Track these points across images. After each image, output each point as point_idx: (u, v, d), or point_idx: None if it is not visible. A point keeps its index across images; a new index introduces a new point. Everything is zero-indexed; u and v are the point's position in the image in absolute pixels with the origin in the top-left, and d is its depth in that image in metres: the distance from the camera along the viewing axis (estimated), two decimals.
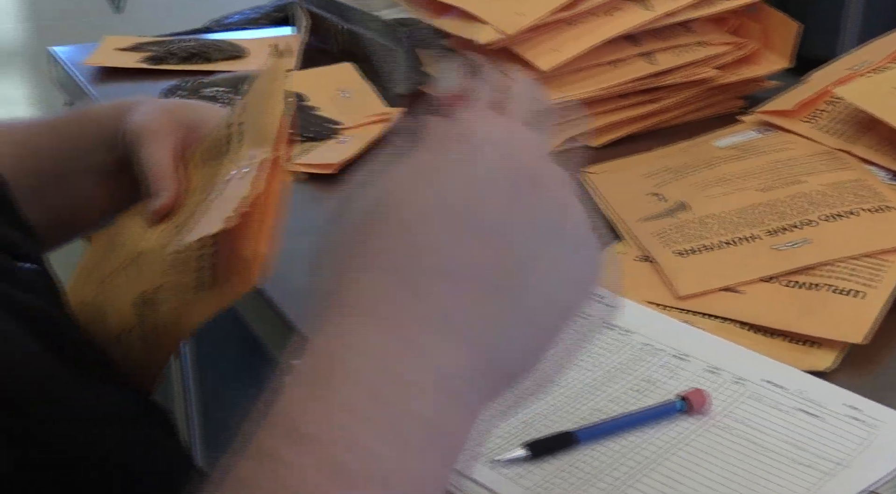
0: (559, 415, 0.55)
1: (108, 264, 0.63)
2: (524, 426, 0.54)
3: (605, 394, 0.57)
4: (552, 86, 0.91)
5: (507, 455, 0.51)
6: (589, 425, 0.53)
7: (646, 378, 0.58)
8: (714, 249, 0.69)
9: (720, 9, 0.97)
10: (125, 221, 0.64)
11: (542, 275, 0.36)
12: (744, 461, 0.51)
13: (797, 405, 0.55)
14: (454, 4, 0.96)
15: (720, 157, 0.80)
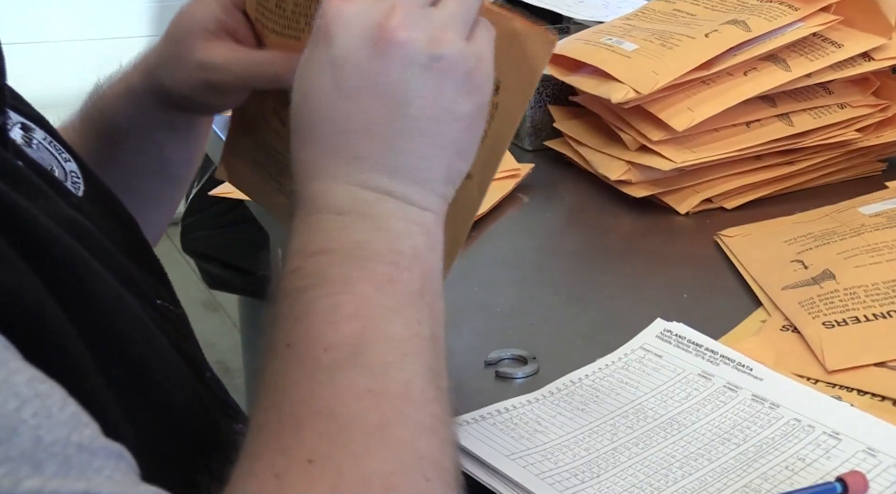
0: (710, 493, 0.53)
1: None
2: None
3: (756, 471, 0.55)
4: (687, 146, 0.90)
5: None
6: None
7: (798, 455, 0.56)
8: (864, 322, 0.66)
9: (861, 70, 0.94)
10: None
11: (422, 100, 0.47)
12: None
13: None
14: (588, 62, 0.95)
15: (867, 225, 0.78)
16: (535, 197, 0.95)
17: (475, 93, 0.49)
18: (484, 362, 0.65)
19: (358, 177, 0.47)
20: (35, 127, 0.57)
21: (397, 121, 0.47)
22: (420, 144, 0.48)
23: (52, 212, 0.46)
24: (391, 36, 0.47)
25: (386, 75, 0.47)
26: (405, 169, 0.48)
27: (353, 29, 0.47)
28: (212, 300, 2.53)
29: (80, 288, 0.43)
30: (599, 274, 0.82)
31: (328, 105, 0.48)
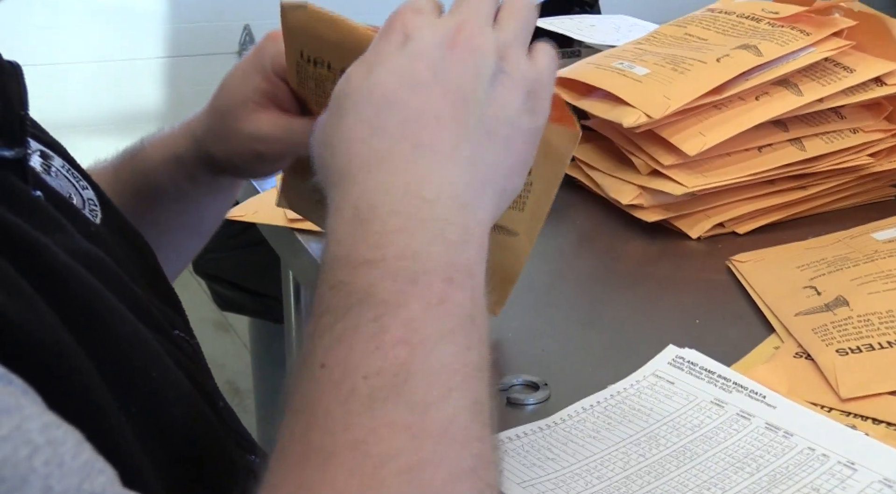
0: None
1: None
2: None
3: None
4: (698, 171, 0.90)
5: None
6: None
7: (812, 486, 0.55)
8: (879, 349, 0.66)
9: (873, 95, 0.94)
10: None
11: (492, 104, 0.47)
12: None
13: None
14: (599, 86, 0.96)
15: (880, 251, 0.77)
16: (546, 220, 0.95)
17: (535, 114, 0.49)
18: (495, 388, 0.65)
19: (419, 169, 0.44)
20: (53, 154, 0.57)
21: (466, 116, 0.46)
22: (486, 143, 0.46)
23: (68, 245, 0.46)
24: (465, 41, 0.47)
25: (461, 70, 0.46)
26: (472, 162, 0.45)
27: (428, 30, 0.47)
28: (223, 320, 2.54)
29: (98, 325, 0.43)
30: (611, 299, 0.81)
31: (395, 95, 0.45)
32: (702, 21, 1.02)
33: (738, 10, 1.01)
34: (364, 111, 0.46)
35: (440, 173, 0.44)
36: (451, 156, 0.45)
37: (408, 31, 0.47)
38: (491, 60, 0.47)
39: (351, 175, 0.44)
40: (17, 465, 0.32)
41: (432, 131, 0.45)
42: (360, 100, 0.46)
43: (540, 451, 0.59)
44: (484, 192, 0.46)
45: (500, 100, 0.47)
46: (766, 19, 0.97)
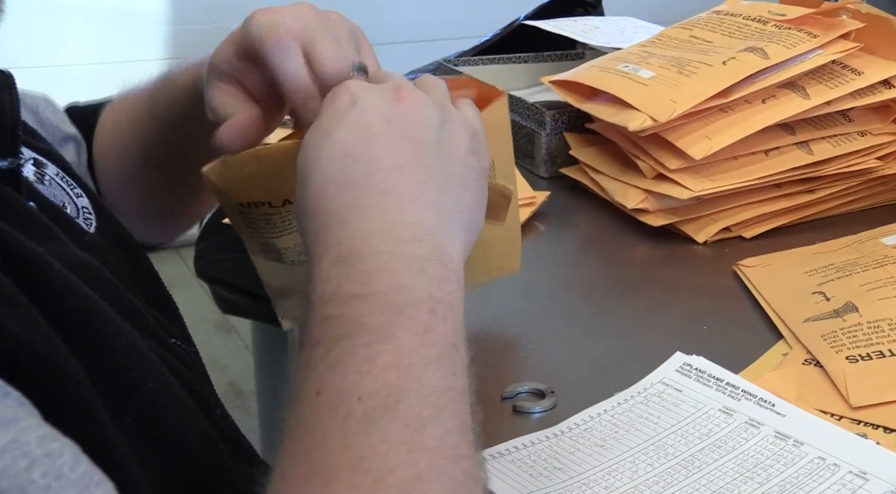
0: None
1: None
2: None
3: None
4: (705, 175, 0.89)
5: None
6: None
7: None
8: (889, 356, 0.65)
9: (881, 97, 0.93)
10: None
11: (443, 147, 0.50)
12: None
13: None
14: (604, 89, 0.95)
15: (889, 256, 0.77)
16: (550, 225, 0.94)
17: (481, 155, 0.52)
18: (501, 396, 0.64)
19: (392, 214, 0.46)
20: (47, 162, 0.57)
21: (425, 162, 0.48)
22: (445, 184, 0.49)
23: (63, 255, 0.45)
24: (408, 95, 0.50)
25: (410, 123, 0.49)
26: (437, 203, 0.48)
27: (372, 91, 0.50)
28: (225, 322, 2.53)
29: (94, 337, 0.42)
30: (617, 305, 0.80)
31: (355, 150, 0.48)
32: (707, 23, 1.02)
33: (745, 12, 1.00)
34: (329, 169, 0.48)
35: (412, 216, 0.47)
36: (418, 200, 0.47)
37: (354, 94, 0.50)
38: (434, 110, 0.51)
39: (328, 227, 0.47)
40: (16, 477, 0.32)
41: (396, 178, 0.47)
42: (323, 160, 0.48)
43: (546, 460, 0.58)
44: (453, 229, 0.48)
45: (450, 144, 0.50)
46: (772, 21, 0.97)
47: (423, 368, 0.42)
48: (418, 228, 0.46)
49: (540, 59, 1.28)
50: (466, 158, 0.50)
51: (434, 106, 0.51)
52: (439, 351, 0.43)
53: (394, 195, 0.47)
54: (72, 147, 0.75)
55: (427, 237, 0.46)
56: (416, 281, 0.44)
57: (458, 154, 0.50)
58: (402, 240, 0.46)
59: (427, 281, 0.44)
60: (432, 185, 0.48)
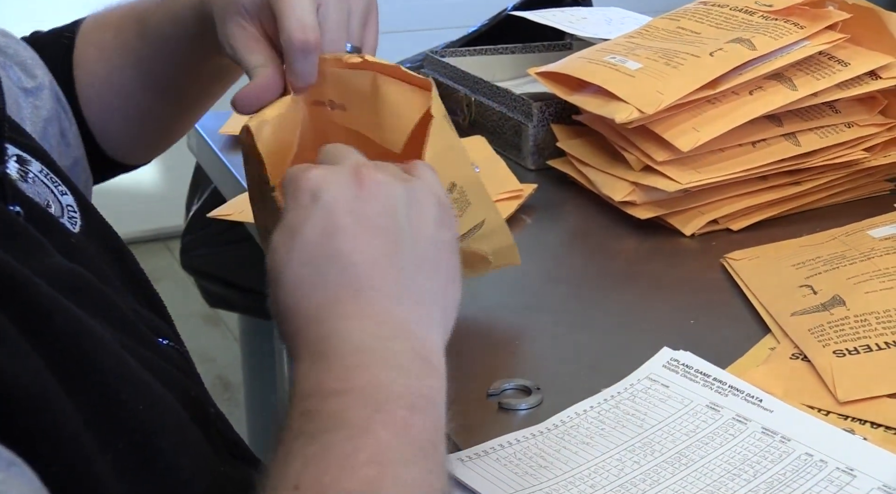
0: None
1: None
2: None
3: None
4: (692, 167, 0.89)
5: None
6: None
7: (810, 492, 0.54)
8: (876, 350, 0.65)
9: (868, 89, 0.93)
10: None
11: (413, 229, 0.49)
12: None
13: None
14: (591, 81, 0.94)
15: (877, 249, 0.76)
16: (537, 218, 0.94)
17: (449, 224, 0.51)
18: (486, 393, 0.64)
19: (369, 310, 0.46)
20: (32, 159, 0.56)
21: (397, 251, 0.48)
22: (419, 270, 0.48)
23: (49, 267, 0.45)
24: (370, 179, 0.49)
25: (377, 208, 0.48)
26: (412, 295, 0.47)
27: (332, 181, 0.49)
28: (213, 314, 2.52)
29: (83, 362, 0.42)
30: (604, 299, 0.80)
31: (326, 247, 0.47)
32: (695, 14, 1.01)
33: (732, 3, 1.00)
34: (299, 271, 0.47)
35: (388, 312, 0.46)
36: (394, 295, 0.47)
37: (312, 188, 0.49)
38: (398, 187, 0.50)
39: (305, 327, 0.46)
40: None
41: (369, 274, 0.47)
42: (293, 263, 0.47)
43: (532, 459, 0.57)
44: (431, 318, 0.48)
45: (419, 222, 0.49)
46: (759, 12, 0.96)
47: (401, 465, 0.42)
48: (395, 325, 0.46)
49: (527, 49, 1.27)
50: (436, 233, 0.50)
51: (396, 182, 0.50)
52: (417, 449, 0.43)
53: (368, 291, 0.46)
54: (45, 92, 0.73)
55: (404, 332, 0.46)
56: (395, 376, 0.44)
57: (428, 232, 0.49)
58: (380, 337, 0.45)
59: (406, 376, 0.44)
60: (406, 276, 0.48)
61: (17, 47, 0.75)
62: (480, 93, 1.12)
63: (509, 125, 1.06)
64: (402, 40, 2.04)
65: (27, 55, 0.75)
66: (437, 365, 0.46)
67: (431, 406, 0.45)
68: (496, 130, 1.08)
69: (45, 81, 0.73)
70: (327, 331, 0.45)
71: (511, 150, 1.06)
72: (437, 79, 1.20)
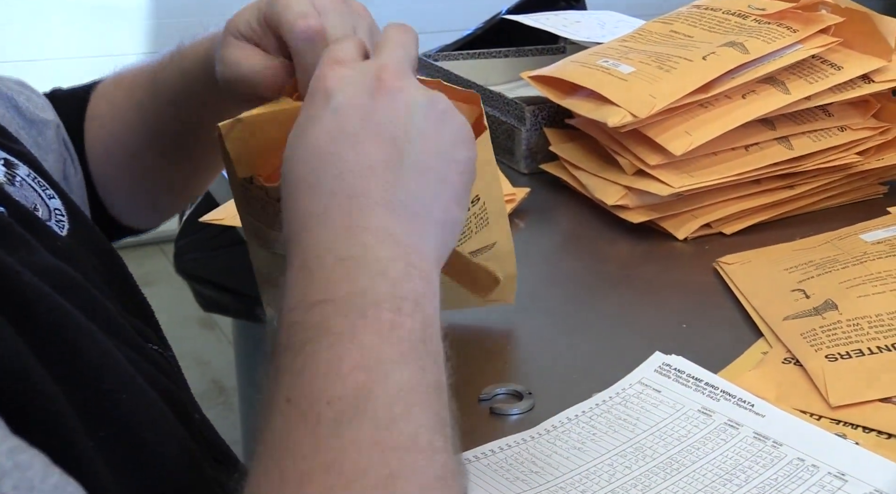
0: None
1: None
2: None
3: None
4: (685, 171, 0.89)
5: None
6: None
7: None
8: (868, 355, 0.65)
9: (861, 92, 0.93)
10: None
11: (424, 140, 0.48)
12: None
13: None
14: (584, 85, 0.94)
15: (869, 253, 0.76)
16: (530, 222, 0.94)
17: (469, 143, 0.49)
18: (478, 398, 0.64)
19: (356, 218, 0.45)
20: (19, 163, 0.55)
21: (398, 159, 0.47)
22: (420, 181, 0.47)
23: (34, 263, 0.44)
24: (390, 83, 0.48)
25: (389, 114, 0.47)
26: (406, 205, 0.46)
27: (350, 82, 0.48)
28: (207, 318, 2.52)
29: (66, 349, 0.42)
30: (596, 303, 0.80)
31: (326, 151, 0.46)
32: (688, 18, 1.01)
33: (725, 7, 1.00)
34: (300, 171, 0.47)
35: (377, 220, 0.46)
36: (385, 202, 0.46)
37: (329, 88, 0.48)
38: (419, 95, 0.48)
39: (296, 235, 0.46)
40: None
41: (366, 181, 0.46)
42: (296, 161, 0.47)
43: (523, 464, 0.57)
44: (423, 229, 0.47)
45: (433, 134, 0.48)
46: (752, 16, 0.96)
47: (390, 366, 0.41)
48: (383, 232, 0.45)
49: (521, 53, 1.27)
50: (450, 150, 0.48)
51: (419, 90, 0.49)
52: (406, 348, 0.42)
53: (360, 198, 0.46)
54: (51, 132, 0.74)
55: (391, 239, 0.45)
56: (377, 283, 0.43)
57: (441, 144, 0.48)
58: (366, 246, 0.44)
59: (389, 282, 0.44)
60: (403, 186, 0.47)
61: (31, 94, 0.75)
62: None
63: (502, 129, 1.06)
64: None
65: (40, 101, 0.75)
66: (425, 270, 0.45)
67: (416, 307, 0.44)
68: (489, 134, 1.08)
69: (51, 121, 0.74)
70: (314, 240, 0.45)
71: (504, 154, 1.06)
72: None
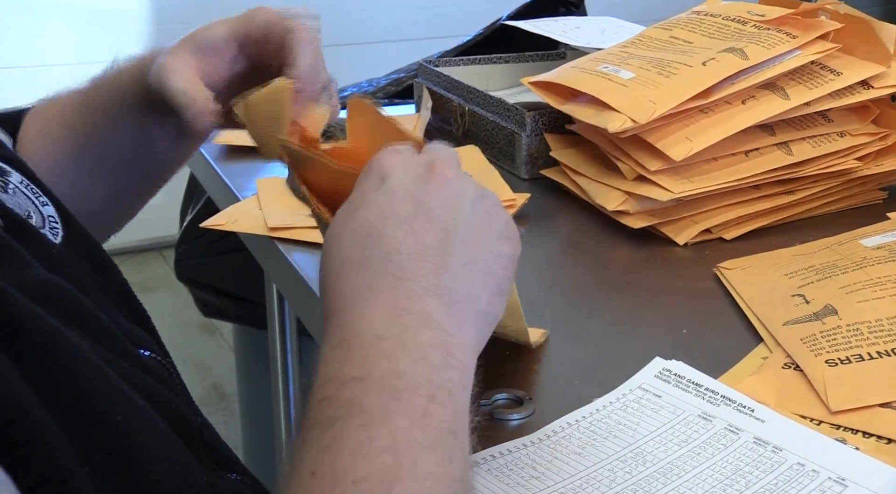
0: None
1: None
2: None
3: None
4: (685, 176, 0.89)
5: None
6: None
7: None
8: (868, 360, 0.65)
9: (860, 98, 0.93)
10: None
11: (472, 232, 0.49)
12: None
13: None
14: (584, 91, 0.94)
15: (869, 258, 0.76)
16: (531, 227, 0.94)
17: (514, 240, 0.51)
18: (479, 403, 0.63)
19: (401, 300, 0.45)
20: (11, 170, 0.56)
21: (449, 246, 0.47)
22: (466, 271, 0.47)
23: (28, 279, 0.45)
24: (442, 172, 0.49)
25: (440, 202, 0.48)
26: (451, 293, 0.47)
27: (405, 167, 0.49)
28: (208, 323, 2.52)
29: (59, 374, 0.42)
30: (597, 308, 0.80)
31: (376, 230, 0.47)
32: (687, 24, 1.01)
33: (724, 13, 1.00)
34: (346, 250, 0.47)
35: (421, 303, 0.46)
36: (432, 287, 0.46)
37: (384, 170, 0.49)
38: (470, 188, 0.49)
39: (338, 310, 0.46)
40: None
41: (414, 264, 0.46)
42: (343, 240, 0.48)
43: (524, 469, 0.57)
44: (465, 318, 0.47)
45: (480, 227, 0.49)
46: (751, 22, 0.96)
47: (418, 453, 0.41)
48: (426, 316, 0.45)
49: (521, 59, 1.27)
50: (496, 244, 0.49)
51: (470, 183, 0.49)
52: (436, 437, 0.42)
53: (407, 280, 0.46)
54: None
55: (434, 325, 0.45)
56: (415, 366, 0.43)
57: (489, 238, 0.49)
58: (407, 327, 0.45)
59: (428, 367, 0.44)
60: (450, 274, 0.47)
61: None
62: (474, 103, 1.12)
63: (503, 134, 1.06)
64: (397, 50, 2.04)
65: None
66: (462, 360, 0.46)
67: (451, 397, 0.44)
68: (490, 140, 1.08)
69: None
70: (356, 317, 0.45)
71: (504, 160, 1.06)
72: (430, 88, 1.20)
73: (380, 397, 0.42)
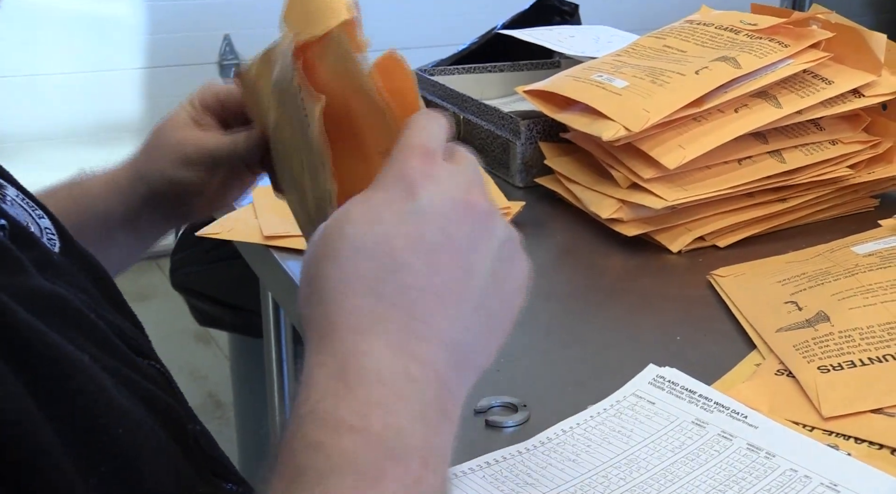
0: None
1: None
2: None
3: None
4: (678, 184, 0.89)
5: None
6: None
7: None
8: (860, 366, 0.65)
9: (852, 106, 0.94)
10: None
11: (495, 281, 0.46)
12: None
13: None
14: (578, 99, 0.95)
15: (861, 265, 0.77)
16: (525, 235, 0.92)
17: (525, 290, 0.48)
18: (473, 410, 0.64)
19: (410, 344, 0.43)
20: (6, 184, 0.56)
21: (467, 294, 0.45)
22: (481, 324, 0.45)
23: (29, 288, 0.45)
24: (476, 202, 0.45)
25: (467, 236, 0.45)
26: (459, 346, 0.44)
27: (439, 186, 0.45)
28: (204, 332, 2.51)
29: (62, 388, 0.41)
30: (591, 316, 0.80)
31: (399, 257, 0.44)
32: (681, 33, 1.02)
33: (717, 22, 1.01)
34: (363, 265, 0.43)
35: (429, 353, 0.43)
36: (443, 338, 0.44)
37: (414, 184, 0.45)
38: (500, 228, 0.46)
39: (341, 330, 0.43)
40: None
41: (431, 307, 0.44)
42: (361, 251, 0.44)
43: (518, 476, 0.58)
44: (465, 374, 0.45)
45: (503, 276, 0.46)
46: (744, 31, 0.97)
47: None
48: (430, 370, 0.43)
49: (516, 68, 1.28)
50: (513, 296, 0.47)
51: (499, 221, 0.46)
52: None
53: (419, 322, 0.43)
54: None
55: (436, 381, 0.43)
56: (415, 426, 0.42)
57: (508, 289, 0.46)
58: (410, 377, 0.42)
59: (424, 428, 0.42)
60: (465, 326, 0.44)
61: None
62: (469, 112, 1.13)
63: (497, 143, 1.07)
64: None
65: None
66: (454, 418, 0.44)
67: (442, 461, 0.42)
68: (484, 148, 1.09)
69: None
70: (361, 349, 0.42)
71: (499, 168, 1.06)
72: (425, 97, 1.21)
73: (376, 454, 0.40)
